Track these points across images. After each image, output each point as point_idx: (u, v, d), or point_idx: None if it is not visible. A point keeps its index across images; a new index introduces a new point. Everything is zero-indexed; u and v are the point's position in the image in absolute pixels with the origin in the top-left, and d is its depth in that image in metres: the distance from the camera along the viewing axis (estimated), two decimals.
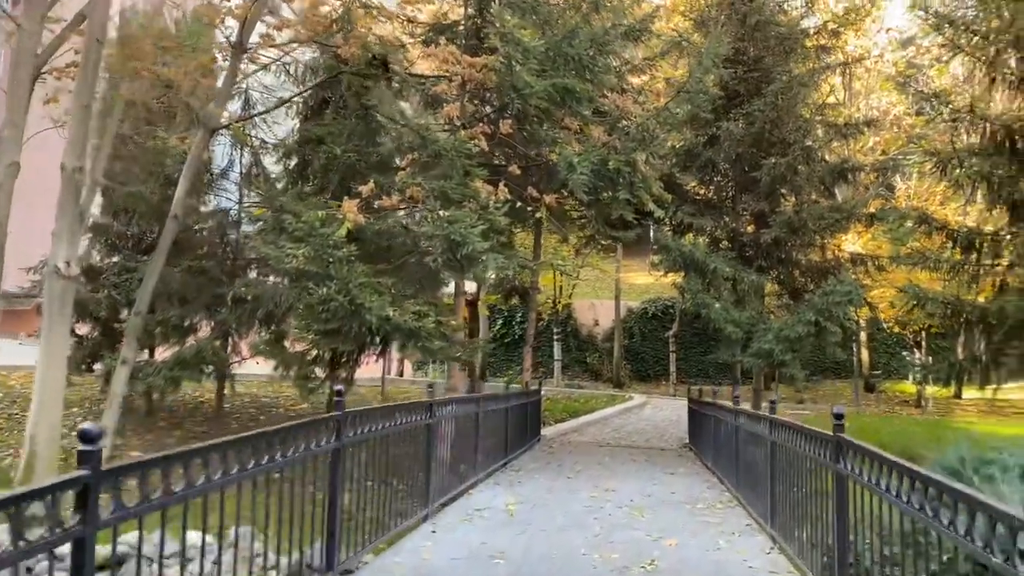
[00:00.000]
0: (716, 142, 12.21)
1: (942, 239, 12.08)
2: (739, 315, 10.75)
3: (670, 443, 14.24)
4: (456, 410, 7.33)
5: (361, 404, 18.06)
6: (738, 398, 8.24)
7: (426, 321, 8.74)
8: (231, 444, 3.39)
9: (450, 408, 7.03)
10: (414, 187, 9.20)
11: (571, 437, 14.37)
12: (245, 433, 3.64)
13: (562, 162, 9.52)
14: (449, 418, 7.10)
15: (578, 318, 29.17)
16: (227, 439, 3.49)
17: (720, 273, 10.82)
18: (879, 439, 15.62)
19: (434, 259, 8.68)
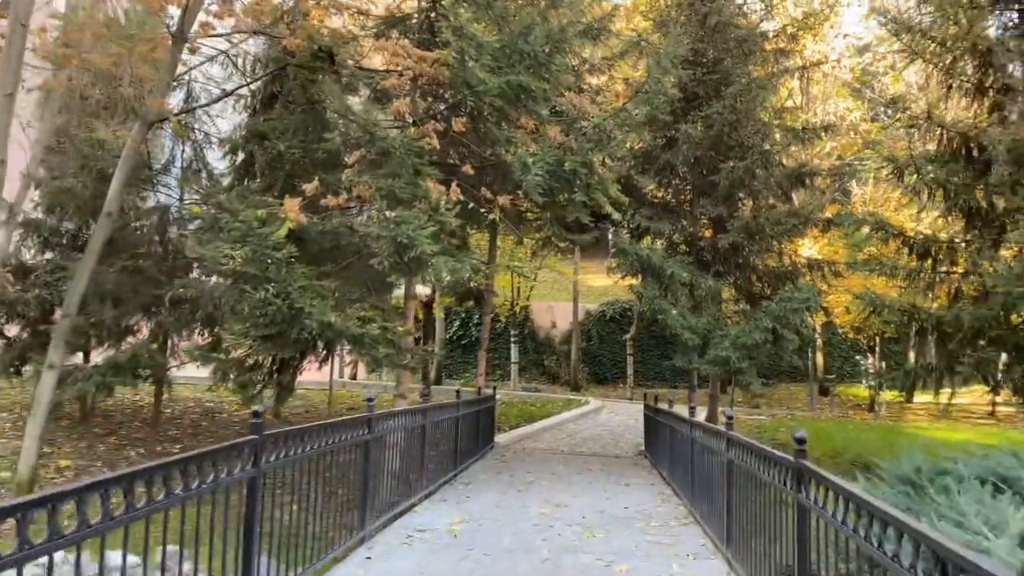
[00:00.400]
0: (674, 145, 11.99)
1: (898, 246, 12.03)
2: (696, 321, 10.52)
3: (625, 450, 14.00)
4: (399, 423, 6.92)
5: (306, 409, 17.53)
6: (694, 408, 7.97)
7: (371, 327, 8.31)
8: (122, 479, 2.95)
9: (392, 422, 6.61)
10: (361, 186, 8.76)
11: (526, 444, 14.03)
12: (142, 465, 3.21)
13: (516, 162, 9.16)
14: (391, 432, 6.69)
15: (536, 320, 28.91)
16: (123, 472, 3.05)
17: (677, 278, 10.59)
18: (833, 445, 15.61)
19: (380, 262, 8.25)
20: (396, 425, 6.79)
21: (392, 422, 6.61)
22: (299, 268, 8.51)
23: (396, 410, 6.92)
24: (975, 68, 11.33)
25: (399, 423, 6.91)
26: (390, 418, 6.52)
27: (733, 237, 11.17)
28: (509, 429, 15.62)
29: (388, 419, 6.46)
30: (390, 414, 6.58)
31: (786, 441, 15.92)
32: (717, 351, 10.19)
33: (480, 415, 11.78)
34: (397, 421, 6.83)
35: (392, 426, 6.63)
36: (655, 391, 27.76)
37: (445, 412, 9.16)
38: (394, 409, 7.00)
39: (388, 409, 7.23)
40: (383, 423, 6.27)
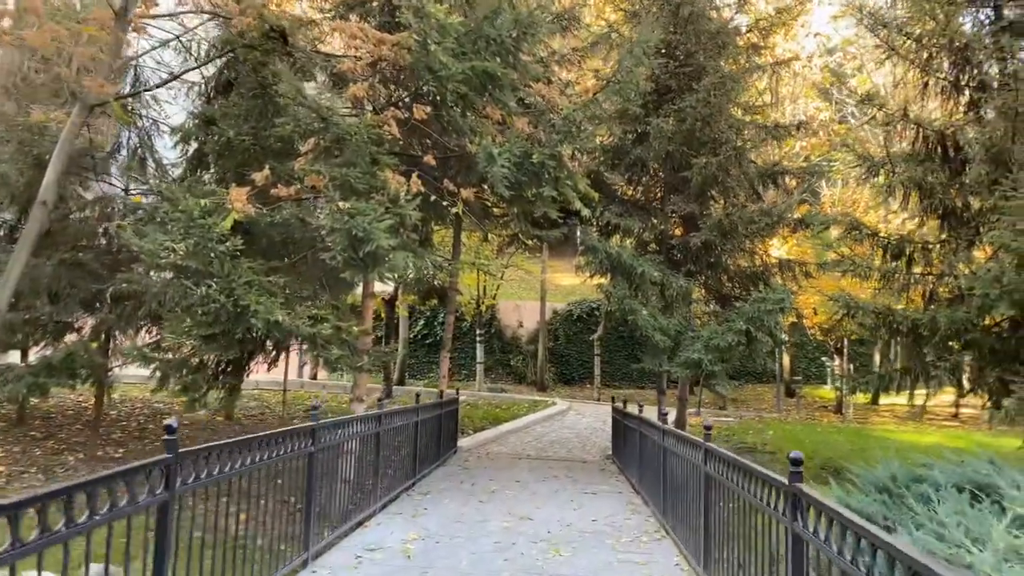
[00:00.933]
0: (646, 139, 11.58)
1: (872, 246, 11.77)
2: (666, 322, 10.12)
3: (592, 454, 13.58)
4: (349, 432, 6.37)
5: (261, 411, 16.84)
6: (666, 415, 7.52)
7: (322, 326, 7.74)
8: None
9: (341, 431, 6.06)
10: (314, 175, 8.17)
11: (490, 448, 13.53)
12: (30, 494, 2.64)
13: (481, 153, 8.66)
14: (341, 442, 6.14)
15: (502, 319, 28.42)
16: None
17: (648, 277, 10.17)
18: (802, 449, 15.36)
19: (333, 256, 7.68)
20: (346, 434, 6.24)
21: (341, 431, 6.06)
22: (246, 263, 7.91)
23: (345, 418, 6.36)
24: (951, 65, 11.10)
25: (349, 432, 6.36)
26: (338, 427, 5.97)
27: (705, 235, 10.78)
28: (473, 432, 15.11)
29: (336, 429, 5.91)
30: (338, 423, 6.02)
31: (755, 444, 15.72)
32: (688, 353, 9.79)
33: (442, 419, 11.26)
34: (347, 430, 6.28)
35: (341, 436, 6.08)
36: (622, 392, 27.46)
37: (402, 417, 8.62)
38: (342, 417, 6.43)
39: (337, 417, 6.66)
40: (330, 433, 5.72)
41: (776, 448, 15.01)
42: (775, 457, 14.39)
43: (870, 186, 11.32)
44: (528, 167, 9.31)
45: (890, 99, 11.21)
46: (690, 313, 11.26)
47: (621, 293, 9.96)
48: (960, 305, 10.35)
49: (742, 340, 9.63)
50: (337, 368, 8.68)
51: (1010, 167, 9.47)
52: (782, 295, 9.67)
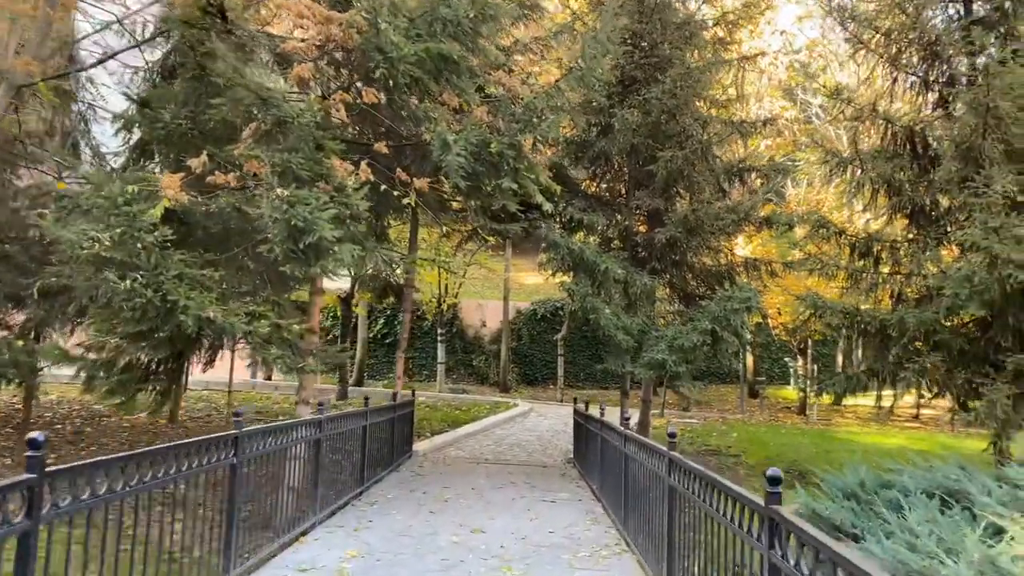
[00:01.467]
0: (610, 132, 11.16)
1: (839, 245, 11.51)
2: (630, 321, 9.70)
3: (553, 457, 13.13)
4: (283, 440, 5.81)
5: (208, 412, 16.09)
6: (628, 420, 7.08)
7: (259, 324, 7.15)
8: None
9: (271, 440, 5.49)
10: (254, 161, 7.57)
11: (447, 452, 13.00)
12: None
13: (436, 140, 8.14)
14: (272, 451, 5.57)
15: (464, 318, 27.88)
16: None
17: (611, 274, 9.73)
18: (767, 451, 15.09)
19: (271, 249, 7.09)
20: (278, 442, 5.67)
21: (272, 439, 5.49)
22: (177, 255, 7.29)
23: (277, 425, 5.79)
24: (920, 60, 10.86)
25: (284, 439, 5.79)
26: (268, 435, 5.40)
27: (671, 231, 10.39)
28: (431, 435, 14.56)
29: (265, 437, 5.34)
30: (268, 430, 5.46)
31: (720, 447, 15.45)
32: (652, 354, 9.37)
33: (395, 422, 10.71)
34: (280, 438, 5.71)
35: (272, 444, 5.52)
36: (586, 393, 27.10)
37: (349, 422, 8.06)
38: (274, 424, 5.86)
39: (272, 421, 6.10)
40: (257, 442, 5.15)
41: (741, 450, 14.73)
42: (739, 460, 14.11)
43: (837, 183, 11.03)
44: (486, 157, 8.82)
45: (861, 94, 10.93)
46: (654, 312, 10.87)
47: (583, 291, 9.51)
48: (928, 305, 10.11)
49: (707, 340, 9.25)
50: (291, 369, 8.07)
51: (980, 164, 9.23)
52: (749, 294, 9.31)
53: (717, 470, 13.85)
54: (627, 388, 11.91)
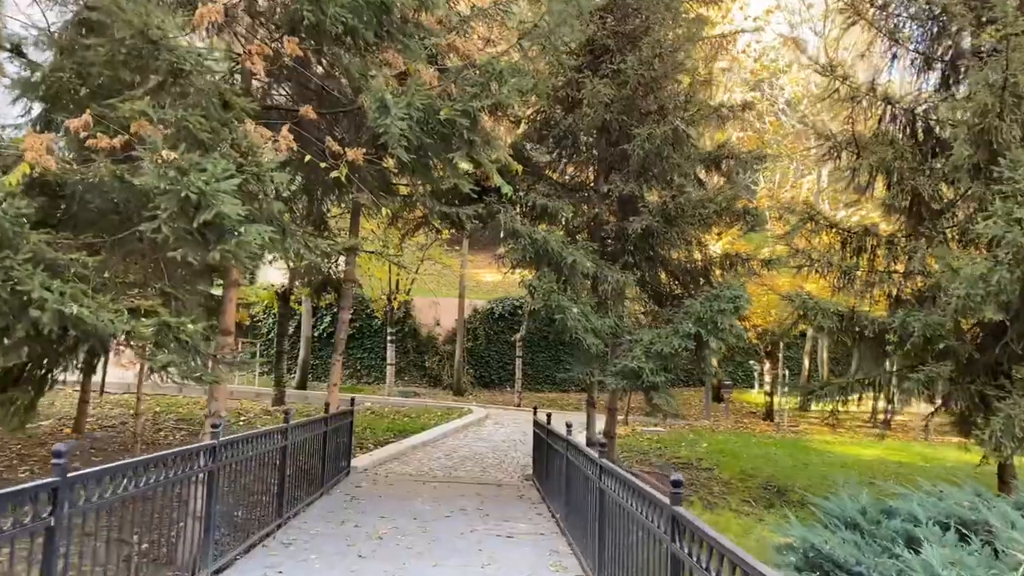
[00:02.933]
0: (578, 107, 9.84)
1: (829, 240, 10.40)
2: (600, 323, 8.39)
3: (510, 473, 11.78)
4: (144, 483, 4.31)
5: (119, 422, 14.35)
6: (605, 447, 5.72)
7: (141, 323, 5.63)
8: None
9: (123, 484, 3.99)
10: (143, 120, 6.04)
11: (391, 468, 11.55)
12: None
13: (372, 102, 6.72)
14: (125, 498, 4.09)
15: (418, 317, 26.36)
16: None
17: (579, 268, 8.41)
18: (741, 465, 13.94)
19: (157, 228, 5.58)
20: (138, 486, 4.18)
21: (124, 483, 4.00)
22: (37, 235, 5.72)
23: (138, 461, 4.29)
24: (923, 35, 9.79)
25: (144, 481, 4.30)
26: (118, 477, 3.91)
27: (647, 221, 9.11)
28: (374, 447, 13.09)
29: (115, 479, 3.86)
30: (122, 469, 3.97)
31: (691, 460, 14.28)
32: (626, 361, 8.08)
33: (328, 437, 9.24)
34: (140, 480, 4.22)
35: (124, 490, 4.02)
36: (545, 396, 25.82)
37: (260, 444, 6.58)
38: (136, 460, 4.34)
39: (113, 464, 4.61)
40: (96, 488, 3.67)
41: (713, 463, 13.59)
42: (713, 474, 12.94)
43: (832, 170, 9.88)
44: (435, 127, 7.43)
45: (851, 67, 9.80)
46: (625, 313, 9.57)
47: (547, 287, 8.16)
48: (933, 307, 9.03)
49: (690, 345, 7.99)
50: (187, 378, 6.53)
51: (995, 149, 8.15)
52: (738, 292, 8.08)
53: (690, 486, 12.70)
54: (594, 398, 10.60)
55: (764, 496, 11.89)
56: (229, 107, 6.43)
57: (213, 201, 5.53)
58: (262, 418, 14.82)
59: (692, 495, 11.19)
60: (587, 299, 8.58)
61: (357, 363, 25.51)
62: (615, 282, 8.81)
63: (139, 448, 10.71)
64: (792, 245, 10.50)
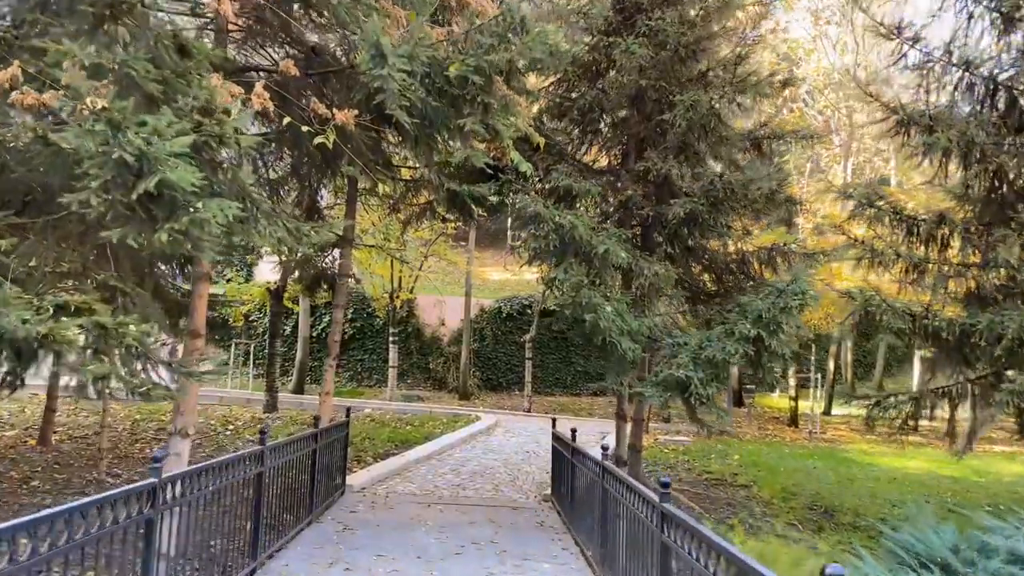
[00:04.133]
0: (605, 75, 8.56)
1: (892, 227, 9.08)
2: (637, 324, 7.08)
3: (526, 491, 10.49)
4: (71, 539, 3.02)
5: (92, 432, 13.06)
6: (667, 490, 4.37)
7: (61, 325, 4.35)
8: None
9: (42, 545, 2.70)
10: (75, 69, 4.76)
11: (392, 487, 10.27)
12: None
13: (366, 48, 5.43)
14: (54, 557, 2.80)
15: (421, 316, 25.06)
16: None
17: (612, 260, 7.11)
18: (780, 481, 12.54)
19: (85, 202, 4.29)
20: (67, 543, 2.89)
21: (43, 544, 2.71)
22: None
23: (55, 513, 2.98)
24: None
25: (69, 538, 3.01)
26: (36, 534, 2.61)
27: (690, 204, 7.80)
28: (374, 460, 11.81)
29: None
30: (38, 520, 2.68)
31: (724, 475, 12.96)
32: (671, 369, 6.77)
33: (319, 455, 7.96)
34: (67, 535, 2.92)
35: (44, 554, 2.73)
36: (556, 400, 24.51)
37: (226, 475, 5.29)
38: (56, 509, 3.05)
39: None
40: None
41: (749, 479, 12.26)
42: (751, 492, 11.62)
43: (900, 147, 8.57)
44: (442, 87, 6.14)
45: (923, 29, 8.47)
46: (662, 312, 8.25)
47: (576, 281, 6.86)
48: (1017, 304, 7.72)
49: (749, 350, 6.68)
50: (133, 394, 5.25)
51: None
52: (804, 287, 6.77)
53: (728, 507, 11.41)
54: (624, 410, 9.28)
55: (811, 518, 10.57)
56: (187, 55, 5.15)
57: (158, 166, 4.25)
58: (251, 427, 13.56)
59: (731, 518, 9.89)
60: (620, 296, 7.28)
61: (357, 365, 24.25)
62: (653, 276, 7.50)
63: (104, 465, 9.44)
64: (849, 234, 9.19)
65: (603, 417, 21.57)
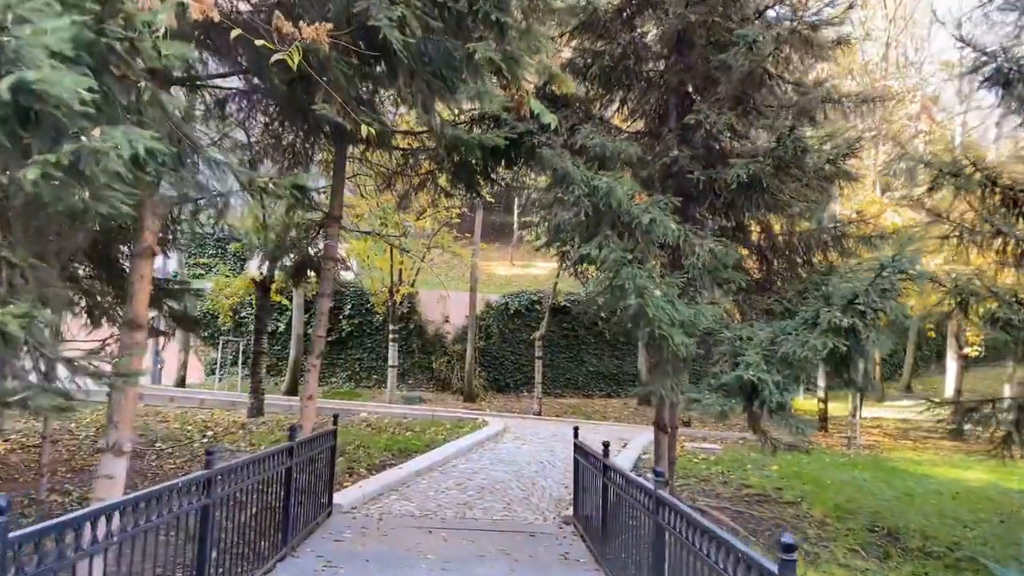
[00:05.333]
0: (639, 15, 7.09)
1: (981, 199, 7.60)
2: (691, 313, 5.62)
3: (543, 511, 9.04)
4: None
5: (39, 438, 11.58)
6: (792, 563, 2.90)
7: None
8: None
9: None
10: None
11: (386, 505, 8.83)
12: None
13: None
14: None
15: (424, 312, 23.63)
16: None
17: (658, 234, 5.65)
18: (830, 495, 10.98)
19: None
20: None
21: None
22: None
23: None
24: None
25: None
26: None
27: (752, 167, 6.33)
28: (368, 472, 10.38)
29: None
30: None
31: (763, 488, 11.43)
32: (739, 370, 5.31)
33: (295, 474, 6.53)
34: None
35: None
36: (566, 402, 23.04)
37: (154, 511, 3.85)
38: None
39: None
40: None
41: (797, 494, 10.78)
42: (801, 511, 10.13)
43: (1004, 100, 7.08)
44: (444, 3, 4.70)
45: None
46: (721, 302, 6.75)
47: (616, 256, 5.40)
48: None
49: (839, 344, 5.21)
50: (21, 400, 3.82)
51: None
52: (904, 264, 5.29)
53: (776, 528, 9.94)
54: (665, 419, 7.80)
55: (874, 542, 9.11)
56: None
57: (14, 62, 2.80)
58: (233, 433, 12.13)
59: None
60: (670, 279, 5.83)
61: (356, 364, 22.81)
62: (707, 256, 6.03)
63: (46, 481, 8.01)
64: (930, 209, 7.71)
65: (618, 421, 20.09)
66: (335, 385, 22.07)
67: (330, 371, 22.36)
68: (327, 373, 22.35)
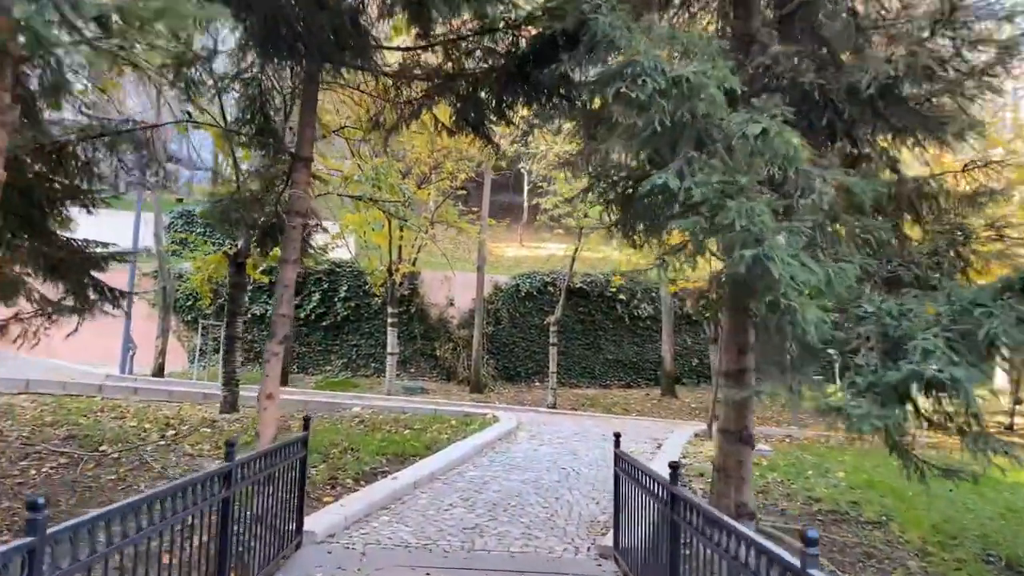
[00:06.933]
0: None
1: None
2: (825, 274, 3.67)
3: (571, 535, 7.11)
4: None
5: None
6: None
7: None
8: None
9: None
10: None
11: (374, 531, 6.92)
12: None
13: None
14: None
15: (426, 295, 21.71)
16: None
17: (779, 150, 3.69)
18: (926, 516, 8.33)
19: None
20: None
21: None
22: None
23: None
24: None
25: None
26: None
27: (890, 69, 4.35)
28: (355, 484, 8.48)
29: None
30: None
31: (835, 501, 9.36)
32: (914, 362, 3.36)
33: (232, 506, 4.61)
34: None
35: None
36: (582, 392, 21.08)
37: None
38: None
39: None
40: None
41: (879, 511, 8.82)
42: (891, 534, 8.16)
43: None
44: None
45: None
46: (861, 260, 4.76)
47: (718, 185, 3.43)
48: None
49: None
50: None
51: None
52: None
53: (867, 557, 8.00)
54: (744, 425, 5.82)
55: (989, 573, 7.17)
56: None
57: None
58: (199, 431, 10.23)
59: None
60: (790, 225, 3.86)
61: (352, 351, 20.92)
62: (832, 194, 4.05)
63: None
64: None
65: (641, 414, 18.14)
66: (330, 374, 20.19)
67: (325, 359, 20.48)
68: (321, 361, 20.46)
